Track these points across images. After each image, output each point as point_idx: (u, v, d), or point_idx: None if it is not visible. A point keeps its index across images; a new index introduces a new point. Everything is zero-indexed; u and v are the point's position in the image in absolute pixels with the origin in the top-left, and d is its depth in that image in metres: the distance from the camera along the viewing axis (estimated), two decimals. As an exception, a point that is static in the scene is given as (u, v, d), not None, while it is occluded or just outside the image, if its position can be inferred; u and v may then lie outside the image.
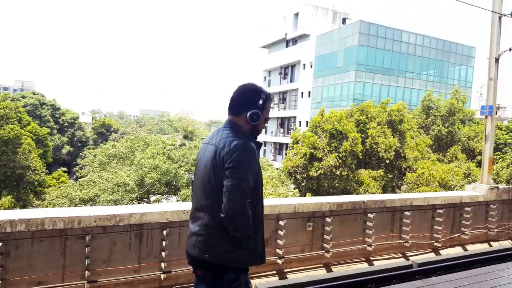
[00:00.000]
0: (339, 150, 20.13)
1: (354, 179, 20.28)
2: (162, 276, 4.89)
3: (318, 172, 19.91)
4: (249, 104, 2.27)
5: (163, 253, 4.85)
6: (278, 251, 5.96)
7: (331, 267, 6.71)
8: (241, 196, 2.07)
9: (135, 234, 4.78)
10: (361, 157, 20.93)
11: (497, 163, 20.50)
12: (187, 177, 20.50)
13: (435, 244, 8.01)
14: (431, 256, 7.63)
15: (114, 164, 21.84)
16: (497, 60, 9.85)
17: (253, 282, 5.59)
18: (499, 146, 25.75)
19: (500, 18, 9.70)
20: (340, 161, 19.93)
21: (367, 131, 21.43)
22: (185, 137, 35.48)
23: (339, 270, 6.63)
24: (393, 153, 21.03)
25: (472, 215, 8.46)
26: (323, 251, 6.53)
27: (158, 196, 20.04)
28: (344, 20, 46.81)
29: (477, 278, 4.66)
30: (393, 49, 41.01)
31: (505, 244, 9.09)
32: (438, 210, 8.05)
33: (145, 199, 19.70)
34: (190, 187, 17.76)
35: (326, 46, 42.04)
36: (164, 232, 4.87)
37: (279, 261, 5.97)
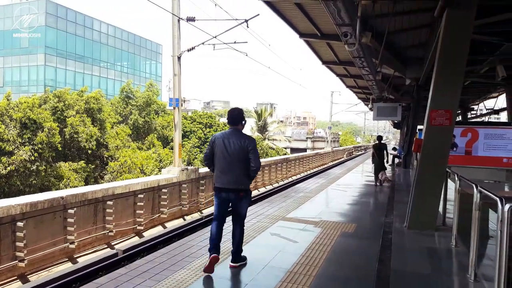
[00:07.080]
0: (33, 142, 17.70)
1: (53, 173, 18.41)
2: None
3: (8, 168, 16.91)
4: (242, 118, 4.30)
5: None
6: None
7: (28, 276, 5.90)
8: (259, 159, 4.22)
9: None
10: (60, 149, 19.20)
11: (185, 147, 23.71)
12: None
13: (138, 227, 8.51)
14: (135, 240, 8.04)
15: None
16: (179, 58, 11.33)
17: None
18: (186, 133, 30.10)
19: (179, 21, 11.16)
20: (36, 154, 17.60)
21: (66, 119, 19.83)
22: None
23: (38, 278, 5.92)
24: (95, 142, 20.50)
25: (168, 195, 9.51)
26: (16, 261, 5.63)
27: None
28: (25, -5, 40.76)
29: (174, 252, 5.27)
30: (85, 36, 39.60)
31: (195, 216, 10.81)
32: (139, 195, 8.56)
33: None
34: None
35: (5, 21, 35.58)
36: None
37: (-49, 291, 4.68)
